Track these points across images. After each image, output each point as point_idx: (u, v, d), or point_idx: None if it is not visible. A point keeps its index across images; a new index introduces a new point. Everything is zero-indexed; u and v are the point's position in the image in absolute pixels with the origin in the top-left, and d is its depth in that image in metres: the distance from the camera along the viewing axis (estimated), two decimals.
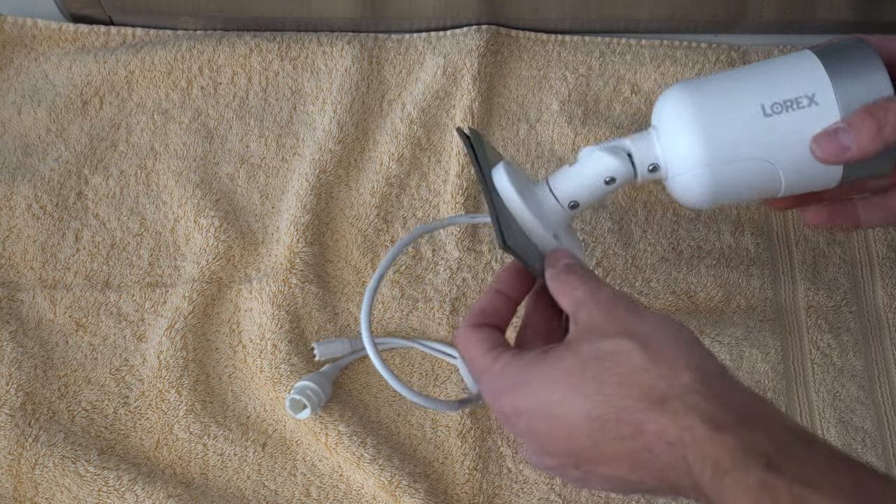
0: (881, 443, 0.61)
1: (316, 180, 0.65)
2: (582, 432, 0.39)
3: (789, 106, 0.48)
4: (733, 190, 0.50)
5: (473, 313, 0.46)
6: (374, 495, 0.57)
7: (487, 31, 0.72)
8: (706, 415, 0.36)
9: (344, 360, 0.60)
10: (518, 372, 0.41)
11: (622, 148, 0.50)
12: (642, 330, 0.40)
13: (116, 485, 0.55)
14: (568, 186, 0.51)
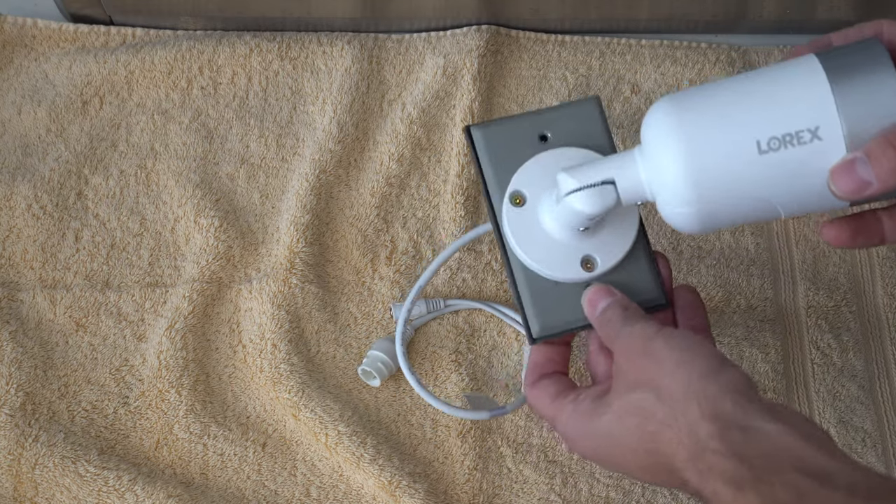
0: (881, 443, 0.61)
1: (316, 180, 0.65)
2: (641, 475, 0.44)
3: (789, 141, 0.43)
4: (726, 221, 0.47)
5: (530, 370, 0.50)
6: (374, 495, 0.57)
7: (487, 31, 0.72)
8: (726, 476, 0.38)
9: (419, 321, 0.62)
10: (578, 424, 0.46)
11: (607, 179, 0.46)
12: (657, 377, 0.42)
13: (116, 485, 0.55)
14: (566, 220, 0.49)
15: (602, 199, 0.46)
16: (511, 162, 0.52)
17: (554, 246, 0.50)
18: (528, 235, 0.50)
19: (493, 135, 0.53)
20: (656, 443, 0.41)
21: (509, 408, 0.54)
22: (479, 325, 0.62)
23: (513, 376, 0.61)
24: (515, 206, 0.51)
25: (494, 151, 0.52)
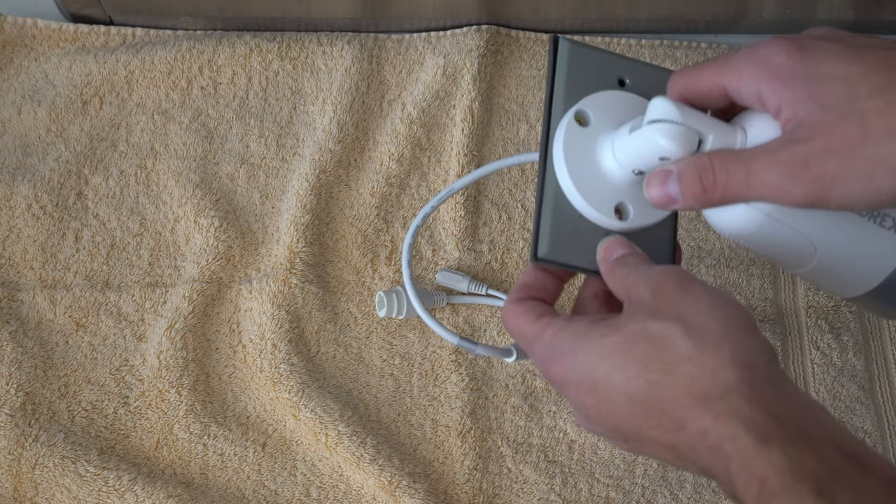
0: (881, 443, 0.61)
1: (316, 180, 0.65)
2: (624, 412, 0.39)
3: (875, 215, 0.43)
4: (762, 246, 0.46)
5: (517, 289, 0.45)
6: (374, 495, 0.57)
7: (487, 31, 0.72)
8: (750, 424, 0.35)
9: (456, 299, 0.63)
10: (566, 341, 0.41)
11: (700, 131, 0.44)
12: (689, 313, 0.38)
13: (116, 485, 0.55)
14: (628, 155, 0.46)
15: (685, 142, 0.44)
16: (585, 86, 0.50)
17: (597, 179, 0.48)
18: (576, 158, 0.48)
19: (579, 54, 0.50)
20: (666, 374, 0.37)
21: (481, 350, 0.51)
22: (479, 325, 0.62)
23: None
24: (578, 124, 0.48)
25: (574, 69, 0.50)
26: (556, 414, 0.60)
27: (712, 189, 0.42)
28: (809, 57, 0.40)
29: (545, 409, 0.60)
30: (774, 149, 0.40)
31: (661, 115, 0.44)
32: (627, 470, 0.59)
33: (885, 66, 0.38)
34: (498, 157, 0.69)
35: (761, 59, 0.41)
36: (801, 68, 0.40)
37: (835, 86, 0.39)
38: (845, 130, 0.38)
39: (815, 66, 0.39)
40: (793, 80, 0.40)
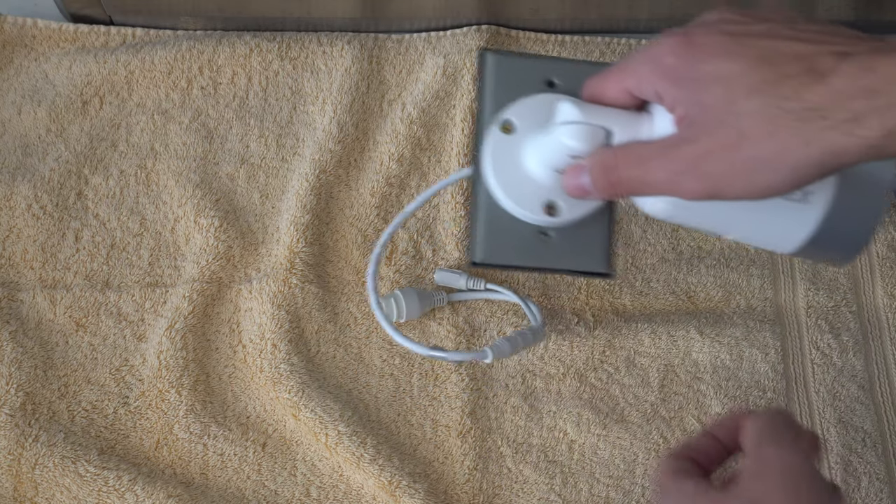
0: (881, 443, 0.61)
1: (316, 180, 0.65)
2: None
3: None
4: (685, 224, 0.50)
5: (679, 445, 0.48)
6: (374, 495, 0.57)
7: (487, 31, 0.72)
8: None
9: (457, 296, 0.63)
10: None
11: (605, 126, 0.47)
12: None
13: (116, 485, 0.55)
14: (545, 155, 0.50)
15: (590, 140, 0.47)
16: (514, 93, 0.52)
17: (525, 181, 0.51)
18: (503, 164, 0.51)
19: (504, 64, 0.53)
20: None
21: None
22: (479, 325, 0.62)
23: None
24: (503, 132, 0.51)
25: (500, 80, 0.53)
26: (556, 414, 0.60)
27: (618, 185, 0.45)
28: (694, 55, 0.42)
29: (545, 409, 0.60)
30: (668, 147, 0.43)
31: (567, 117, 0.47)
32: (627, 470, 0.59)
33: (764, 62, 0.40)
34: None
35: (654, 60, 0.43)
36: (686, 68, 0.42)
37: (715, 87, 0.41)
38: (725, 133, 0.40)
39: (699, 65, 0.41)
40: (681, 81, 0.42)
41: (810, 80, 0.39)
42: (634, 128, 0.46)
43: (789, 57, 0.40)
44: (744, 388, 0.62)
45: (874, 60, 0.38)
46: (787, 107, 0.39)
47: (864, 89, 0.38)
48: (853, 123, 0.38)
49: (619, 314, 0.63)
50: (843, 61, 0.39)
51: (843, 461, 0.60)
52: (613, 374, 0.62)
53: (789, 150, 0.39)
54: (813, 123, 0.39)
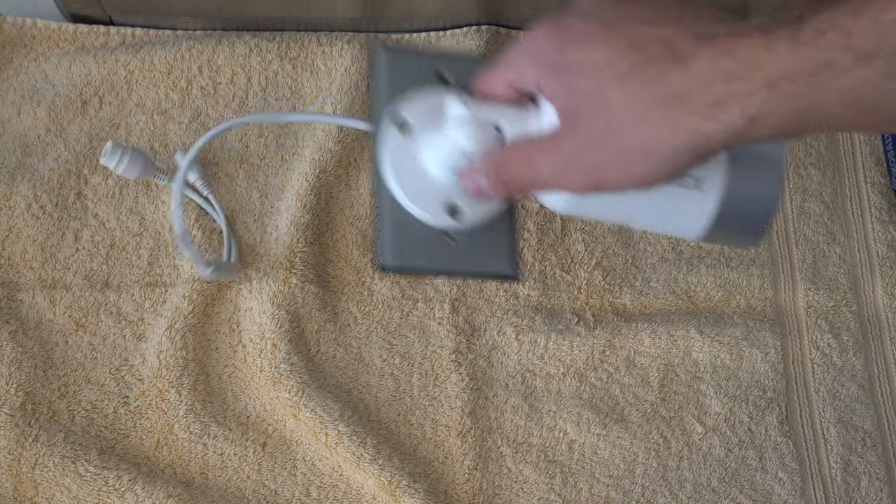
0: (881, 442, 0.61)
1: (316, 180, 0.65)
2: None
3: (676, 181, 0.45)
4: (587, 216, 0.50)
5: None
6: (374, 495, 0.57)
7: (487, 31, 0.72)
8: None
9: None
10: None
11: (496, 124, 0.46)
12: None
13: (116, 485, 0.55)
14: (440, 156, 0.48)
15: (479, 136, 0.46)
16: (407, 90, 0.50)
17: (426, 183, 0.49)
18: (402, 166, 0.49)
19: (396, 59, 0.52)
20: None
21: None
22: (480, 325, 0.62)
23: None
24: (399, 132, 0.50)
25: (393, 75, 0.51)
26: (556, 413, 0.60)
27: (512, 184, 0.45)
28: (567, 43, 0.41)
29: (545, 409, 0.60)
30: (551, 142, 0.42)
31: (455, 114, 0.46)
32: (627, 470, 0.59)
33: (631, 48, 0.39)
34: None
35: (532, 50, 0.43)
36: (561, 58, 0.41)
37: (587, 75, 0.40)
38: (596, 122, 0.40)
39: (571, 54, 0.41)
40: (556, 70, 0.41)
41: (673, 64, 0.38)
42: (523, 122, 0.46)
43: (654, 41, 0.39)
44: (744, 387, 0.62)
45: (734, 43, 0.37)
46: (654, 93, 0.39)
47: (724, 74, 0.37)
48: (716, 109, 0.37)
49: (618, 314, 0.63)
50: (703, 45, 0.38)
51: (843, 461, 0.60)
52: (613, 373, 0.62)
53: (659, 137, 0.39)
54: (678, 109, 0.38)
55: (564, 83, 0.41)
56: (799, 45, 0.36)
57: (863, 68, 0.35)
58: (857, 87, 0.35)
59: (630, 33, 0.40)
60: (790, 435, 0.61)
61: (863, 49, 0.34)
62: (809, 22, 0.36)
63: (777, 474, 0.60)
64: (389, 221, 0.50)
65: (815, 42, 0.35)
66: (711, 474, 0.59)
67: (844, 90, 0.35)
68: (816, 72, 0.36)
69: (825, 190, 0.70)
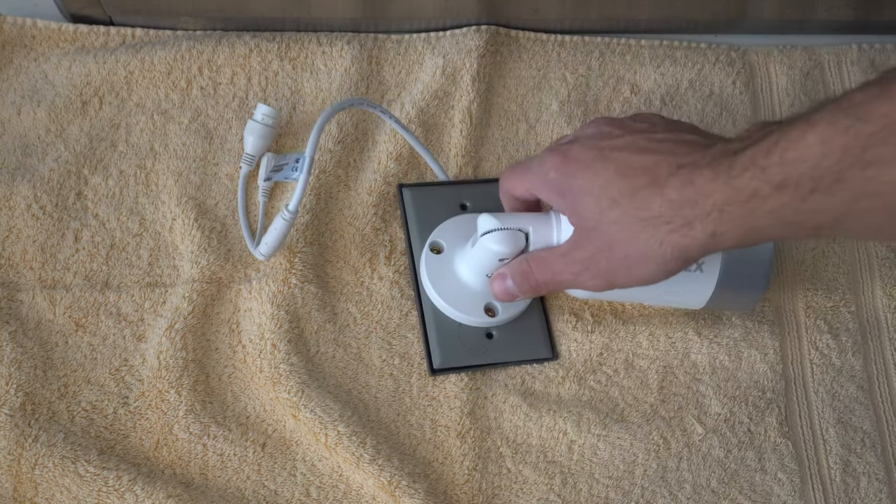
0: (880, 443, 0.61)
1: (315, 180, 0.65)
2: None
3: None
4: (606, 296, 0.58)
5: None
6: (373, 495, 0.57)
7: (487, 31, 0.72)
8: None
9: None
10: None
11: (521, 229, 0.55)
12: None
13: (116, 485, 0.55)
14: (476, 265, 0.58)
15: (513, 242, 0.55)
16: (434, 220, 0.62)
17: (463, 291, 0.60)
18: (441, 280, 0.60)
19: (421, 195, 0.64)
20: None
21: None
22: None
23: None
24: (433, 253, 0.61)
25: (421, 208, 0.63)
26: (555, 413, 0.60)
27: (537, 286, 0.55)
28: (570, 171, 0.50)
29: (545, 409, 0.60)
30: (565, 253, 0.52)
31: (488, 227, 0.56)
32: (627, 470, 0.59)
33: (621, 176, 0.48)
34: (497, 158, 0.69)
35: (541, 175, 0.52)
36: (565, 183, 0.51)
37: (587, 198, 0.49)
38: (600, 238, 0.50)
39: (574, 180, 0.50)
40: (563, 193, 0.51)
41: (653, 191, 0.46)
42: (546, 228, 0.55)
43: (639, 170, 0.47)
44: (743, 388, 0.62)
45: (693, 175, 0.45)
46: (640, 216, 0.47)
47: (688, 201, 0.45)
48: (687, 227, 0.46)
49: (617, 316, 0.63)
50: (674, 174, 0.46)
51: (843, 461, 0.61)
52: (612, 376, 0.62)
53: (649, 250, 0.48)
54: (661, 228, 0.47)
55: (570, 204, 0.51)
56: (732, 178, 0.43)
57: (779, 195, 0.42)
58: (779, 210, 0.42)
59: (621, 162, 0.48)
60: (789, 436, 0.61)
61: (775, 181, 0.42)
62: (740, 157, 0.43)
63: (776, 475, 0.60)
64: (435, 329, 0.61)
65: (742, 175, 0.43)
66: (711, 475, 0.59)
67: (771, 212, 0.43)
68: (748, 199, 0.43)
69: None
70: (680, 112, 0.72)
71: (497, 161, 0.69)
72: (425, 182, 0.65)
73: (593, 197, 0.49)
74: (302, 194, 0.57)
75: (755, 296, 0.58)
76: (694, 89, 0.73)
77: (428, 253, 0.61)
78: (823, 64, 0.76)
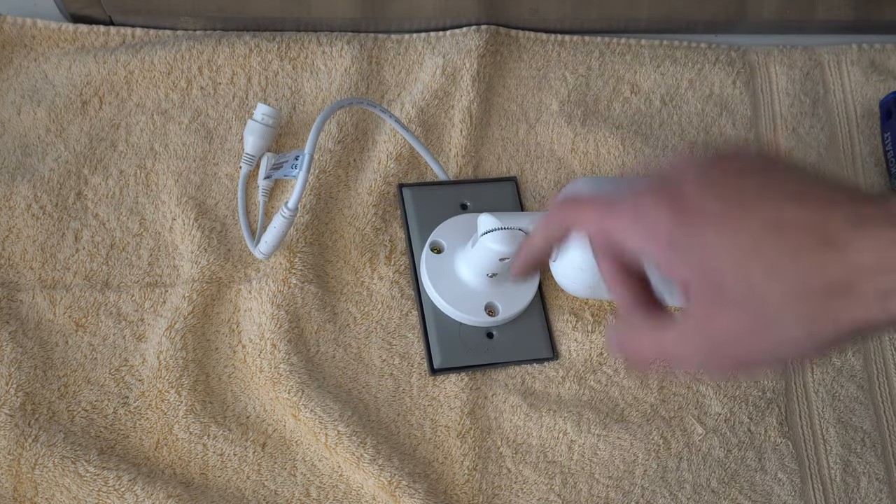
0: (880, 443, 0.61)
1: (315, 180, 0.65)
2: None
3: None
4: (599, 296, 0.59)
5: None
6: (373, 495, 0.57)
7: (487, 31, 0.72)
8: None
9: None
10: None
11: (522, 228, 0.55)
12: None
13: (116, 485, 0.55)
14: (477, 264, 0.58)
15: (513, 242, 0.55)
16: (434, 220, 0.63)
17: (463, 291, 0.60)
18: (441, 280, 0.60)
19: (421, 195, 0.64)
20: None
21: None
22: None
23: None
24: (434, 253, 0.61)
25: (421, 208, 0.64)
26: (556, 413, 0.60)
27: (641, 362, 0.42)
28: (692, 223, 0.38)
29: (545, 409, 0.60)
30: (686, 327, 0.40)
31: (488, 227, 0.56)
32: (627, 471, 0.59)
33: (770, 232, 0.36)
34: (497, 157, 0.69)
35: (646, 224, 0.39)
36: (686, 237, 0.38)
37: (724, 260, 0.37)
38: (745, 312, 0.37)
39: (701, 236, 0.38)
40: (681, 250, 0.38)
41: (827, 252, 0.35)
42: None
43: (797, 227, 0.36)
44: (743, 388, 0.62)
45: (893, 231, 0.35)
46: (811, 284, 0.36)
47: (888, 266, 0.34)
48: (886, 300, 0.35)
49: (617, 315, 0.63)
50: (858, 231, 0.35)
51: (843, 461, 0.60)
52: (612, 376, 0.62)
53: (819, 328, 0.36)
54: (841, 301, 0.36)
55: (693, 264, 0.38)
56: None
57: None
58: None
59: (765, 214, 0.37)
60: (789, 436, 0.61)
61: None
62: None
63: (777, 475, 0.60)
64: (435, 329, 0.60)
65: None
66: (711, 475, 0.59)
67: None
68: None
69: None
70: (680, 112, 0.72)
71: (497, 161, 0.69)
72: (425, 182, 0.65)
73: (736, 258, 0.37)
74: (301, 192, 0.57)
75: None
76: (694, 89, 0.73)
77: (428, 253, 0.61)
78: (823, 64, 0.76)
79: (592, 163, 0.69)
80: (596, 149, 0.69)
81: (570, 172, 0.69)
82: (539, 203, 0.67)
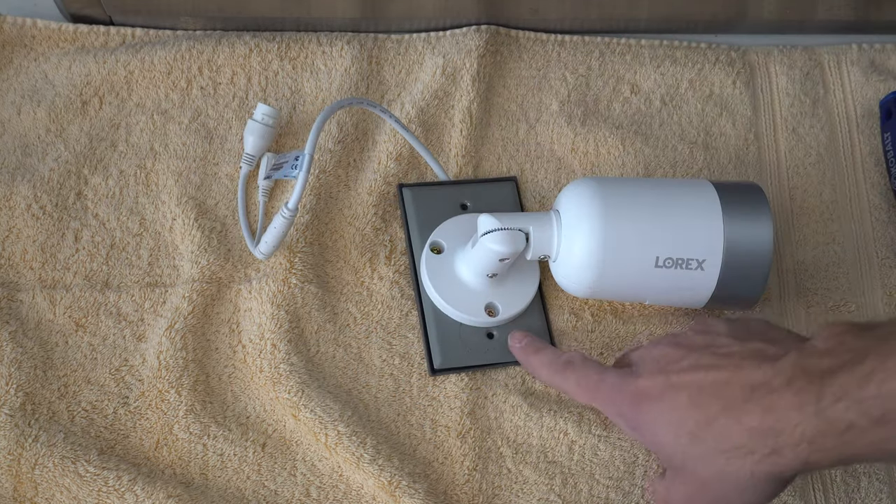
0: None
1: (315, 180, 0.65)
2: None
3: (680, 264, 0.55)
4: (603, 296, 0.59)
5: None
6: (373, 495, 0.57)
7: (487, 31, 0.72)
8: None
9: None
10: None
11: (521, 229, 0.56)
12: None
13: (116, 485, 0.55)
14: (477, 264, 0.58)
15: (513, 242, 0.55)
16: (434, 220, 0.63)
17: (463, 291, 0.60)
18: (441, 280, 0.60)
19: (421, 195, 0.64)
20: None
21: None
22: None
23: None
24: (434, 253, 0.61)
25: (421, 208, 0.64)
26: (556, 413, 0.60)
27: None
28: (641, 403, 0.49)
29: (545, 409, 0.60)
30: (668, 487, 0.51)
31: (488, 227, 0.56)
32: (627, 471, 0.59)
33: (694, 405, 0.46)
34: (497, 157, 0.69)
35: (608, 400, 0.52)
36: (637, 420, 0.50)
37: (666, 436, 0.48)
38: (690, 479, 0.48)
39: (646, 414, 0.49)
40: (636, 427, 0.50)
41: (730, 420, 0.44)
42: (546, 228, 0.56)
43: (710, 396, 0.45)
44: None
45: (773, 399, 0.42)
46: (722, 448, 0.45)
47: (770, 429, 0.42)
48: (775, 456, 0.43)
49: (617, 316, 0.63)
50: (749, 399, 0.43)
51: None
52: None
53: (741, 483, 0.45)
54: (747, 458, 0.44)
55: (649, 442, 0.50)
56: (822, 409, 0.40)
57: (880, 429, 0.39)
58: (882, 442, 0.39)
59: (691, 390, 0.46)
60: None
61: (874, 415, 0.38)
62: (829, 386, 0.40)
63: None
64: (435, 329, 0.60)
65: (835, 406, 0.40)
66: None
67: (871, 444, 0.40)
68: (843, 432, 0.40)
69: (825, 190, 0.70)
70: (680, 112, 0.72)
71: (497, 161, 0.69)
72: (425, 182, 0.65)
73: (671, 434, 0.47)
74: (301, 192, 0.57)
75: (755, 295, 0.58)
76: (694, 89, 0.73)
77: (428, 253, 0.61)
78: (823, 64, 0.76)
79: (592, 163, 0.69)
80: (596, 149, 0.69)
81: (570, 172, 0.69)
82: (539, 203, 0.67)
